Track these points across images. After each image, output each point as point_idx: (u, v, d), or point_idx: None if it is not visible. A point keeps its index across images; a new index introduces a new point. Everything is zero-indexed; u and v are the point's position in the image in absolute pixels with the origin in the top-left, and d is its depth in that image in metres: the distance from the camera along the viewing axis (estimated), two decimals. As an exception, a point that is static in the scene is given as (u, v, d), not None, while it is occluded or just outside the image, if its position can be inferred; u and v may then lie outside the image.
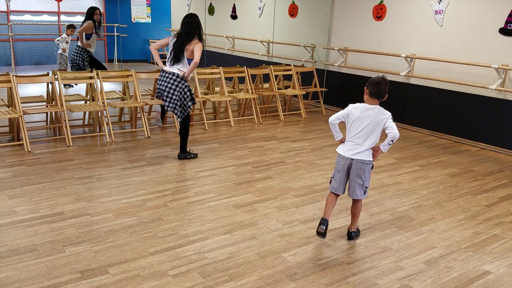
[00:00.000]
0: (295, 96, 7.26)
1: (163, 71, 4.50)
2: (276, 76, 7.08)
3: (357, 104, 2.98)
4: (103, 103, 5.32)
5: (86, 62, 6.65)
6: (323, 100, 7.41)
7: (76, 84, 7.67)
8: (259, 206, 3.65)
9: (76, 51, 6.60)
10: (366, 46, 6.85)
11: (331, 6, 7.32)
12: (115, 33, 9.78)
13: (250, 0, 8.99)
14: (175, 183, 4.06)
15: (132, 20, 10.46)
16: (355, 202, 3.10)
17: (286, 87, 7.30)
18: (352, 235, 3.16)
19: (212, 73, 6.39)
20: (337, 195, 3.08)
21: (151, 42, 12.41)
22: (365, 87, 2.94)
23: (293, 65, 7.21)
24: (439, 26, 5.88)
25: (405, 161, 4.99)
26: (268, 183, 4.19)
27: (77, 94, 6.12)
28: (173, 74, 4.43)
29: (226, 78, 6.50)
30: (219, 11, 9.88)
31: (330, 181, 3.08)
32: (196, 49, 4.36)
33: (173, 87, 4.45)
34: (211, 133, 5.86)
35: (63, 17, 11.36)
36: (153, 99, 6.33)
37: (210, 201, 3.71)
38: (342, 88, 7.37)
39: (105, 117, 5.39)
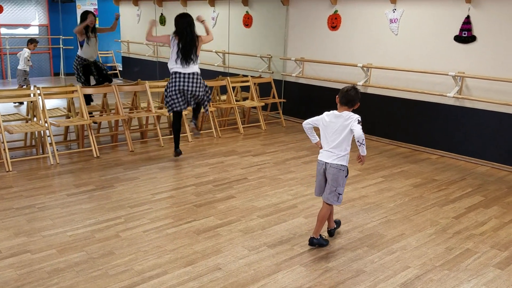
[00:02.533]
0: (254, 107, 7.06)
1: (181, 74, 4.63)
2: (233, 87, 6.86)
3: (331, 112, 3.06)
4: (46, 122, 4.87)
5: (80, 72, 6.23)
6: (282, 111, 7.26)
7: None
8: (223, 231, 3.38)
9: (75, 59, 6.31)
10: (322, 56, 6.78)
11: (286, 16, 7.21)
12: (61, 46, 9.22)
13: (203, 10, 8.74)
14: (128, 209, 3.70)
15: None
16: (324, 206, 3.13)
17: (244, 99, 7.09)
18: (313, 241, 3.15)
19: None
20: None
21: (99, 53, 11.85)
22: (337, 96, 3.04)
23: (251, 76, 7.02)
24: (395, 35, 5.89)
25: (368, 172, 4.88)
26: (231, 203, 3.93)
27: (16, 113, 5.60)
28: (197, 73, 4.72)
29: (181, 91, 6.19)
30: (171, 22, 9.53)
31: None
32: (204, 37, 4.84)
33: (202, 82, 4.79)
34: (167, 150, 5.53)
35: (3, 30, 10.63)
36: (102, 115, 5.93)
37: (168, 227, 3.39)
38: (300, 99, 7.26)
39: (48, 137, 4.93)
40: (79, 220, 3.48)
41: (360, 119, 2.95)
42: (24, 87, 7.57)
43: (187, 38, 4.63)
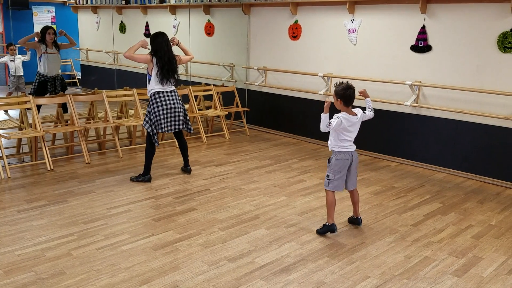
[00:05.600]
0: (217, 116, 6.99)
1: (161, 92, 4.50)
2: (196, 96, 6.77)
3: (344, 115, 3.40)
4: (-5, 134, 4.63)
5: (35, 87, 6.18)
6: (246, 120, 7.22)
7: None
8: (182, 245, 3.28)
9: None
10: (284, 65, 6.80)
11: (247, 25, 7.21)
12: (16, 54, 8.85)
13: (164, 18, 8.62)
14: (81, 225, 3.54)
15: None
16: (356, 191, 3.64)
17: (208, 108, 7.00)
18: (360, 220, 3.70)
19: (125, 95, 5.91)
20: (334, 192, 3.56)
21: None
22: (339, 99, 3.39)
23: (213, 85, 6.95)
24: (353, 45, 5.98)
25: (330, 180, 4.89)
26: (192, 215, 3.83)
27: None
28: (176, 91, 4.64)
29: (141, 100, 6.05)
30: (131, 29, 9.38)
31: (328, 183, 3.50)
32: (183, 57, 4.80)
33: (181, 104, 4.69)
34: (126, 161, 5.37)
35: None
36: (56, 126, 5.70)
37: (123, 244, 3.26)
38: (264, 108, 7.25)
39: (-2, 150, 4.68)
40: (29, 238, 3.29)
41: (337, 116, 3.41)
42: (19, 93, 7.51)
43: (164, 58, 4.44)
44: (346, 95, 3.38)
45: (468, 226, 3.79)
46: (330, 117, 3.40)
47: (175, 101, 4.59)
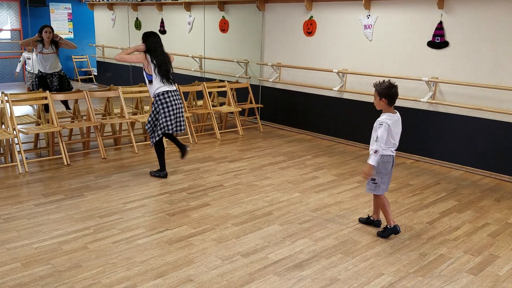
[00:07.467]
0: (231, 113, 7.00)
1: (168, 92, 4.47)
2: (210, 93, 6.79)
3: (388, 117, 3.39)
4: (14, 129, 4.71)
5: (35, 83, 6.34)
6: (260, 116, 7.23)
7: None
8: (196, 240, 3.30)
9: None
10: (298, 61, 6.78)
11: (262, 21, 7.20)
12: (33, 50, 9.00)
13: (179, 15, 8.67)
14: (97, 219, 3.59)
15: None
16: (385, 196, 3.46)
17: (221, 104, 7.02)
18: (380, 223, 3.57)
19: (140, 92, 5.96)
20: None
21: (74, 58, 11.64)
22: (383, 98, 3.35)
23: (227, 81, 6.97)
24: (369, 41, 5.92)
25: (344, 177, 4.87)
26: (206, 211, 3.85)
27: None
28: (178, 91, 4.63)
29: (156, 97, 6.09)
30: (146, 26, 9.43)
31: (375, 187, 3.37)
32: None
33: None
34: (141, 157, 5.42)
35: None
36: (73, 121, 5.78)
37: (139, 238, 3.30)
38: (277, 104, 7.24)
39: (16, 144, 4.77)
40: (46, 232, 3.35)
41: (381, 122, 3.37)
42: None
43: (161, 57, 4.42)
44: (391, 93, 3.31)
45: (485, 224, 3.73)
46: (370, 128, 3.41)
47: (179, 101, 4.56)
